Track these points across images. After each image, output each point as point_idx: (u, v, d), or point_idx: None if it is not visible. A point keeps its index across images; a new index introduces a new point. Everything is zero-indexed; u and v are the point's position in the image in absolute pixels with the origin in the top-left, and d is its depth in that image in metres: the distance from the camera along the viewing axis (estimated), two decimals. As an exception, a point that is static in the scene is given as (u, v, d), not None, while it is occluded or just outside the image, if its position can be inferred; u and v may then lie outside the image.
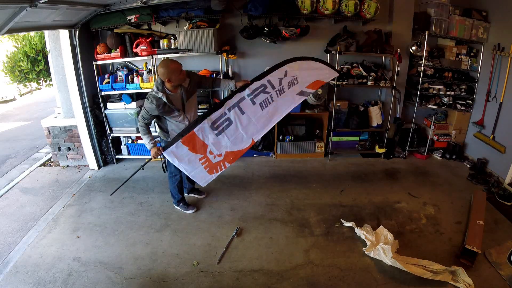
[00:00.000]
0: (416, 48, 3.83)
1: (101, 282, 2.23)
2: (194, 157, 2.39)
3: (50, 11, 2.75)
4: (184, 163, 2.41)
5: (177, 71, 2.31)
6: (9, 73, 4.59)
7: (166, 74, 2.30)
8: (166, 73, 2.29)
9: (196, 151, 2.38)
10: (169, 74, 2.29)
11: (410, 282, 2.16)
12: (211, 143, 2.39)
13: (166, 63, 2.31)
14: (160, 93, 2.34)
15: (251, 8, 3.52)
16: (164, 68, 2.29)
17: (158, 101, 2.34)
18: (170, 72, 2.29)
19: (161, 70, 2.30)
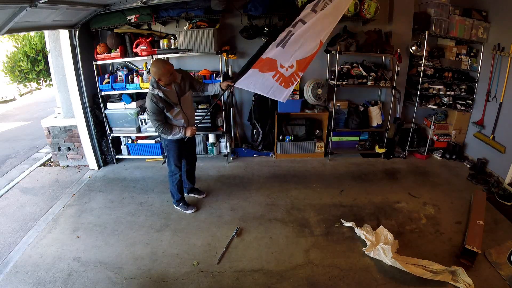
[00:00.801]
0: (416, 48, 3.83)
1: (101, 282, 2.23)
2: (267, 76, 2.53)
3: (50, 11, 2.75)
4: (258, 86, 2.62)
5: (167, 73, 2.46)
6: (9, 73, 4.59)
7: (157, 74, 2.45)
8: (158, 74, 2.44)
9: (267, 70, 2.52)
10: (160, 75, 2.45)
11: (410, 282, 2.16)
12: (279, 56, 2.48)
13: (158, 65, 2.45)
14: (156, 90, 2.47)
15: (251, 8, 3.53)
16: (156, 68, 2.43)
17: (156, 98, 2.48)
18: (161, 74, 2.44)
19: (153, 70, 2.45)
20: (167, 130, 2.60)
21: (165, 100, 2.51)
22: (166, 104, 2.52)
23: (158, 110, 2.52)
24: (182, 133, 2.66)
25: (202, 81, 3.54)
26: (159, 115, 2.55)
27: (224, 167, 4.06)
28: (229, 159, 4.21)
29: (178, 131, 2.64)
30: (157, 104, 2.48)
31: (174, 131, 2.63)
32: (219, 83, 2.79)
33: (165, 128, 2.59)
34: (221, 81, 3.20)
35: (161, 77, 2.46)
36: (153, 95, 2.48)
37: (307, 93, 3.90)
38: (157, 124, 2.57)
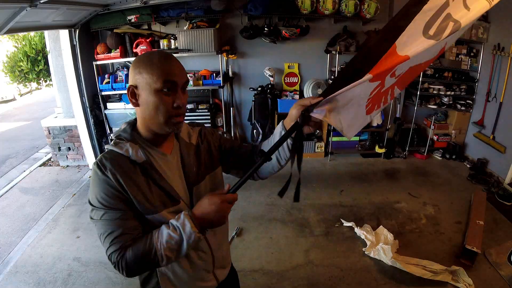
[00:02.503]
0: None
1: (101, 282, 2.23)
2: (367, 89, 0.99)
3: (50, 11, 2.75)
4: (346, 110, 0.99)
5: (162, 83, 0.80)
6: (9, 73, 4.60)
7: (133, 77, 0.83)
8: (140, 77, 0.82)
9: (377, 80, 0.98)
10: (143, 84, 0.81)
11: (410, 282, 2.15)
12: (417, 56, 0.94)
13: (150, 54, 0.84)
14: (128, 146, 0.85)
15: (251, 8, 3.53)
16: (135, 67, 0.82)
17: (112, 163, 0.81)
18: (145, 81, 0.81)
19: (131, 66, 0.84)
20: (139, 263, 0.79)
21: (155, 181, 0.85)
22: (142, 192, 0.83)
23: (118, 201, 0.80)
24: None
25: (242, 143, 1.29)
26: (121, 217, 0.80)
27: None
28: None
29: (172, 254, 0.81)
30: (113, 183, 0.79)
31: (166, 233, 0.80)
32: (282, 122, 0.92)
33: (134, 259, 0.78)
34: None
35: (143, 83, 0.80)
36: (109, 156, 0.83)
37: (307, 93, 3.90)
38: (111, 244, 0.79)
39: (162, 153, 0.90)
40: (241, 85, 4.12)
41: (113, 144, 0.86)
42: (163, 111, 0.81)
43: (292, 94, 4.06)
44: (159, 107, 0.80)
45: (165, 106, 0.80)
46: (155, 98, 0.80)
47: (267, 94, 3.86)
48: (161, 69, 0.79)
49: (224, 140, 1.06)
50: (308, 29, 3.77)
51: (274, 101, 3.90)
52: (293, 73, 4.07)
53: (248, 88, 4.00)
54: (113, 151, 0.84)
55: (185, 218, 0.80)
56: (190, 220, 0.79)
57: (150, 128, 0.86)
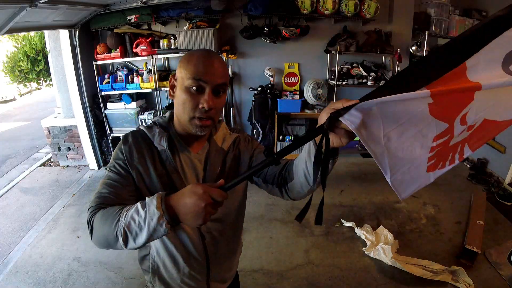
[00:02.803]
0: (416, 48, 3.83)
1: (101, 282, 2.23)
2: (429, 131, 0.71)
3: (50, 11, 2.75)
4: (395, 143, 0.69)
5: (205, 79, 0.79)
6: (9, 73, 4.61)
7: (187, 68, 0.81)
8: (187, 71, 0.81)
9: (440, 115, 0.69)
10: (191, 78, 0.79)
11: (410, 282, 2.15)
12: (481, 98, 0.67)
13: (196, 50, 0.87)
14: (157, 131, 0.88)
15: (251, 8, 3.53)
16: (185, 62, 0.82)
17: (136, 141, 0.86)
18: (191, 72, 0.79)
19: (179, 65, 0.83)
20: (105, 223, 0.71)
21: (167, 171, 0.85)
22: (148, 176, 0.83)
23: (123, 171, 0.82)
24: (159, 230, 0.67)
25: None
26: (117, 182, 0.81)
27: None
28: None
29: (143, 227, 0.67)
30: (127, 156, 0.83)
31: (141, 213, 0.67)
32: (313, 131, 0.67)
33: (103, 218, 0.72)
34: None
35: (179, 76, 0.82)
36: (136, 134, 0.87)
37: (307, 93, 3.90)
38: (93, 200, 0.78)
39: (188, 149, 0.89)
40: (241, 85, 4.11)
41: (146, 126, 0.89)
42: (188, 110, 0.80)
43: (292, 94, 4.05)
44: (185, 104, 0.80)
45: (190, 105, 0.79)
46: (184, 94, 0.79)
47: (267, 94, 3.86)
48: (195, 67, 0.78)
49: (259, 151, 0.96)
50: (308, 29, 3.77)
51: (274, 101, 3.90)
52: (293, 73, 4.07)
53: (248, 88, 4.00)
54: (143, 132, 0.87)
55: (155, 196, 0.66)
56: (159, 200, 0.65)
57: (181, 122, 0.86)
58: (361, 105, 0.63)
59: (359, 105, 0.63)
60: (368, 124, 0.64)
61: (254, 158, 0.95)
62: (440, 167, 0.78)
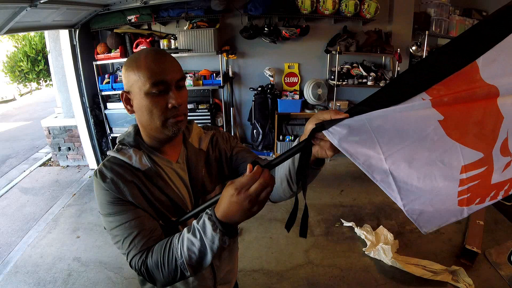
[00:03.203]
0: (416, 48, 3.83)
1: (101, 282, 2.23)
2: (453, 159, 0.57)
3: (50, 11, 2.75)
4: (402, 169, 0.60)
5: (155, 82, 0.72)
6: (9, 73, 4.60)
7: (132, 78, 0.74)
8: (134, 79, 0.74)
9: (468, 140, 0.56)
10: (139, 86, 0.73)
11: (410, 282, 2.15)
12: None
13: (138, 53, 0.77)
14: (131, 152, 0.80)
15: (251, 8, 3.53)
16: (128, 66, 0.75)
17: (112, 173, 0.76)
18: (140, 80, 0.73)
19: (123, 69, 0.78)
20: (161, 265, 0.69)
21: (160, 189, 0.80)
22: (147, 201, 0.78)
23: (126, 206, 0.75)
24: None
25: None
26: (134, 219, 0.74)
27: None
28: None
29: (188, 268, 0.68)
30: (115, 194, 0.74)
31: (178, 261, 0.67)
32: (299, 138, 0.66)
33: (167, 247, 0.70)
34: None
35: (134, 87, 0.75)
36: (110, 164, 0.77)
37: (307, 93, 3.90)
38: (131, 249, 0.73)
39: (167, 160, 0.83)
40: (241, 85, 4.12)
41: (116, 151, 0.80)
42: (157, 115, 0.74)
43: (292, 94, 4.06)
44: (152, 111, 0.74)
45: (158, 109, 0.73)
46: (147, 101, 0.73)
47: (267, 94, 3.86)
48: (148, 70, 0.71)
49: (238, 150, 0.94)
50: (308, 29, 3.77)
51: (274, 101, 3.90)
52: (293, 73, 4.07)
53: (248, 88, 4.00)
54: (116, 158, 0.78)
55: (205, 218, 0.64)
56: (210, 222, 0.63)
57: (151, 134, 0.80)
58: (349, 120, 0.56)
59: (348, 120, 0.56)
60: (359, 141, 0.58)
61: (235, 157, 0.93)
62: (477, 203, 0.65)
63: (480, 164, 0.58)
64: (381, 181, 0.63)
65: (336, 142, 0.57)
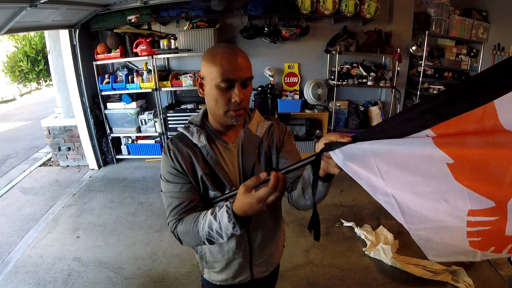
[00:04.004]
0: (416, 48, 3.83)
1: (101, 282, 2.23)
2: (460, 202, 0.55)
3: (50, 11, 2.75)
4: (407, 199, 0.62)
5: (234, 74, 0.84)
6: (9, 73, 4.60)
7: (212, 73, 0.85)
8: (215, 70, 0.84)
9: (478, 187, 0.52)
10: (221, 74, 0.83)
11: (410, 282, 2.15)
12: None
13: (219, 46, 0.89)
14: (195, 130, 0.94)
15: (251, 8, 3.52)
16: (210, 52, 0.88)
17: (178, 147, 0.93)
18: (222, 70, 0.83)
19: (203, 58, 0.88)
20: (199, 226, 0.84)
21: (210, 165, 0.93)
22: (199, 174, 0.92)
23: (179, 177, 0.92)
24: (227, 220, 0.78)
25: None
26: (180, 190, 0.92)
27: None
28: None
29: (226, 218, 0.78)
30: (175, 164, 0.91)
31: (218, 219, 0.80)
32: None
33: (196, 223, 0.85)
34: None
35: (207, 76, 0.86)
36: (176, 139, 0.95)
37: (307, 93, 3.90)
38: (169, 215, 0.93)
39: (225, 141, 0.96)
40: (241, 85, 4.11)
41: (184, 127, 0.96)
42: (221, 105, 0.86)
43: (292, 94, 4.06)
44: (218, 100, 0.86)
45: (223, 100, 0.85)
46: (215, 92, 0.85)
47: (267, 94, 3.86)
48: (221, 66, 0.82)
49: (288, 145, 1.02)
50: (308, 29, 3.77)
51: (274, 101, 3.90)
52: (293, 73, 4.07)
53: (248, 88, 4.00)
54: (182, 134, 0.95)
55: (224, 209, 0.78)
56: (226, 214, 0.77)
57: (215, 118, 0.93)
58: (353, 146, 0.60)
59: (352, 145, 0.60)
60: (361, 166, 0.61)
61: (283, 151, 1.01)
62: (492, 251, 0.61)
63: (490, 213, 0.54)
64: (384, 202, 0.66)
65: (340, 162, 0.64)
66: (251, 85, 0.90)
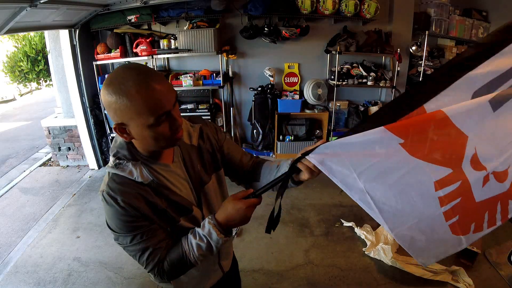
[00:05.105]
0: (416, 48, 3.83)
1: (101, 282, 2.23)
2: (422, 176, 0.66)
3: (50, 11, 2.75)
4: (378, 192, 0.72)
5: (153, 108, 0.70)
6: (9, 73, 4.61)
7: (119, 112, 0.71)
8: (122, 109, 0.70)
9: (432, 158, 0.64)
10: (130, 113, 0.70)
11: (410, 282, 2.15)
12: (476, 131, 0.63)
13: (122, 81, 0.69)
14: (131, 166, 0.80)
15: (251, 8, 3.52)
16: (115, 92, 0.69)
17: (120, 193, 0.78)
18: (132, 109, 0.69)
19: (106, 97, 0.71)
20: (177, 255, 0.84)
21: (165, 196, 0.84)
22: (158, 210, 0.83)
23: (140, 222, 0.81)
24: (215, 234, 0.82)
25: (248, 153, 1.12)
26: (147, 235, 0.82)
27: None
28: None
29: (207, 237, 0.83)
30: (129, 212, 0.78)
31: (195, 241, 0.83)
32: (290, 161, 0.89)
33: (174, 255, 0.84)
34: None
35: (131, 121, 0.72)
36: (115, 184, 0.79)
37: (307, 93, 3.90)
38: (148, 263, 0.83)
39: (165, 164, 0.85)
40: (241, 85, 4.11)
41: (114, 167, 0.80)
42: (163, 139, 0.76)
43: (292, 94, 4.05)
44: (158, 138, 0.75)
45: (164, 135, 0.75)
46: (149, 132, 0.73)
47: (267, 94, 3.86)
48: (147, 103, 0.68)
49: (227, 143, 1.02)
50: (308, 29, 3.77)
51: (274, 101, 3.90)
52: (293, 73, 4.07)
53: (248, 88, 4.00)
54: (117, 175, 0.79)
55: (210, 227, 0.81)
56: (215, 229, 0.81)
57: (149, 148, 0.82)
58: (325, 145, 0.73)
59: (323, 145, 0.73)
60: (334, 161, 0.72)
61: (225, 150, 1.01)
62: (475, 230, 0.68)
63: (452, 178, 0.63)
64: (360, 200, 0.74)
65: (315, 162, 0.75)
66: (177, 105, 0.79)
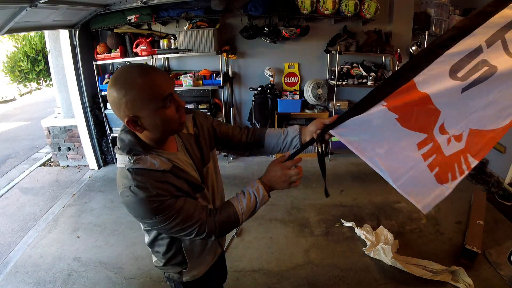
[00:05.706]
0: (416, 48, 3.83)
1: (101, 282, 2.23)
2: (409, 141, 0.99)
3: (50, 11, 2.75)
4: (383, 154, 1.02)
5: (158, 98, 0.81)
6: (9, 73, 4.60)
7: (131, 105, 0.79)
8: (135, 100, 0.79)
9: (415, 127, 0.98)
10: (142, 103, 0.79)
11: (410, 282, 2.15)
12: (447, 106, 0.95)
13: (127, 75, 0.79)
14: (149, 159, 0.87)
15: (251, 8, 3.53)
16: (126, 86, 0.78)
17: (150, 179, 0.85)
18: (144, 98, 0.79)
19: (115, 94, 0.79)
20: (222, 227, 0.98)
21: (184, 178, 0.94)
22: (184, 181, 0.94)
23: (172, 199, 0.87)
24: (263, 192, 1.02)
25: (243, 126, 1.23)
26: (186, 202, 0.91)
27: (224, 167, 4.05)
28: (229, 159, 4.21)
29: (255, 196, 1.02)
30: (162, 191, 0.85)
31: (244, 201, 1.01)
32: (299, 128, 1.13)
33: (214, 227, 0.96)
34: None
35: (142, 111, 0.81)
36: (140, 178, 0.85)
37: (307, 93, 3.90)
38: (195, 228, 0.92)
39: (173, 153, 0.95)
40: (241, 85, 4.12)
41: (136, 162, 0.85)
42: (173, 122, 0.85)
43: (292, 94, 4.06)
44: (168, 122, 0.84)
45: (172, 117, 0.84)
46: (164, 116, 0.82)
47: (267, 94, 3.86)
48: (152, 90, 0.78)
49: (217, 123, 1.14)
50: (308, 29, 3.77)
51: (274, 101, 3.90)
52: (293, 73, 4.07)
53: (248, 88, 4.00)
54: (139, 170, 0.85)
55: (259, 184, 1.00)
56: (263, 186, 0.99)
57: (154, 138, 0.89)
58: (342, 125, 0.99)
59: (341, 124, 1.00)
60: (349, 133, 1.01)
61: (218, 130, 1.13)
62: (452, 179, 0.96)
63: (427, 141, 0.93)
64: (370, 162, 1.04)
65: (337, 135, 1.02)
66: None
